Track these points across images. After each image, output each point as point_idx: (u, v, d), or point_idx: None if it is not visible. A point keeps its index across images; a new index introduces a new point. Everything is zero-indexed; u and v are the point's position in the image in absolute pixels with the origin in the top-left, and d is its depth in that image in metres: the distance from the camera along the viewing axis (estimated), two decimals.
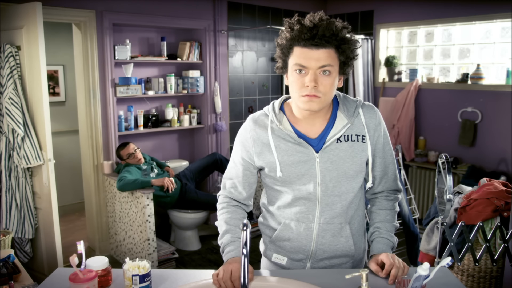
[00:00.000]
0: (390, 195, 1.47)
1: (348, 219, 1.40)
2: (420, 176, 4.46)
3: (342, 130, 1.34)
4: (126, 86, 3.73)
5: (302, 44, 1.24)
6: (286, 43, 1.28)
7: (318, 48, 1.23)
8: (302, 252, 1.41)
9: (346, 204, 1.38)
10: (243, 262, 1.07)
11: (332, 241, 1.39)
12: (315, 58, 1.23)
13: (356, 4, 4.92)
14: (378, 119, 1.38)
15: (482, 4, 4.01)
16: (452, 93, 4.29)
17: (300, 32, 1.23)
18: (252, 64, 4.65)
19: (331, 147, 1.34)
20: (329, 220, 1.38)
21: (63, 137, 4.72)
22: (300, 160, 1.34)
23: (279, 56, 1.33)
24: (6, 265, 1.95)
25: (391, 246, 1.40)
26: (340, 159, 1.34)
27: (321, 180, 1.34)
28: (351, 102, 1.38)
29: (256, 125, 1.39)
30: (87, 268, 1.23)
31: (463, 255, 1.99)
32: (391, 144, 1.44)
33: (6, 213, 2.97)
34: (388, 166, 1.43)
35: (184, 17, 4.06)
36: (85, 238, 3.99)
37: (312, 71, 1.24)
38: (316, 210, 1.37)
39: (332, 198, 1.36)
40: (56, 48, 4.61)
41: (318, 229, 1.38)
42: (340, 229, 1.39)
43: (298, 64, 1.25)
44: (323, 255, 1.41)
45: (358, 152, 1.35)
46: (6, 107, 2.84)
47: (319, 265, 1.43)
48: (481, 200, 2.31)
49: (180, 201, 3.71)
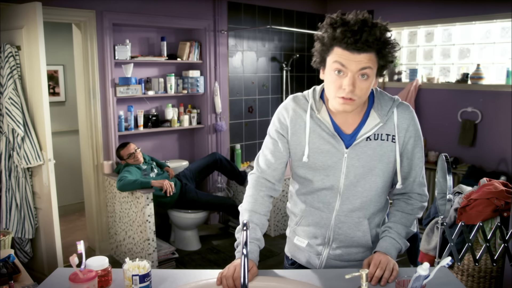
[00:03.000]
0: (411, 199, 1.44)
1: (367, 215, 1.41)
2: None
3: (373, 129, 1.34)
4: (126, 86, 3.73)
5: (344, 46, 1.22)
6: (327, 41, 1.26)
7: (360, 52, 1.21)
8: (321, 238, 1.45)
9: (367, 201, 1.39)
10: (243, 262, 1.07)
11: (349, 233, 1.42)
12: (356, 61, 1.22)
13: (356, 4, 4.90)
14: (411, 119, 1.37)
15: (482, 4, 4.01)
16: (452, 93, 4.29)
17: (343, 35, 1.21)
18: (252, 64, 4.65)
19: (360, 144, 1.35)
20: (347, 213, 1.40)
21: (63, 137, 4.72)
22: (329, 151, 1.36)
23: (318, 51, 1.31)
24: (6, 265, 1.95)
25: (398, 248, 1.37)
26: (368, 156, 1.35)
27: (346, 175, 1.36)
28: (387, 101, 1.38)
29: (297, 105, 1.40)
30: (87, 268, 1.23)
31: (463, 255, 1.99)
32: (423, 148, 1.41)
33: (6, 213, 2.97)
34: (413, 168, 1.40)
35: (184, 17, 4.06)
36: (85, 238, 3.99)
37: (351, 74, 1.23)
38: (337, 202, 1.39)
39: (354, 193, 1.38)
40: (56, 48, 4.61)
41: (335, 220, 1.41)
42: (358, 223, 1.41)
43: (339, 62, 1.23)
44: (339, 244, 1.44)
45: (387, 152, 1.36)
46: (6, 107, 2.84)
47: (335, 252, 1.45)
48: (481, 200, 2.31)
49: (180, 201, 3.71)
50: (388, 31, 1.25)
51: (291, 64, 4.92)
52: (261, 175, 1.46)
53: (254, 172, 1.49)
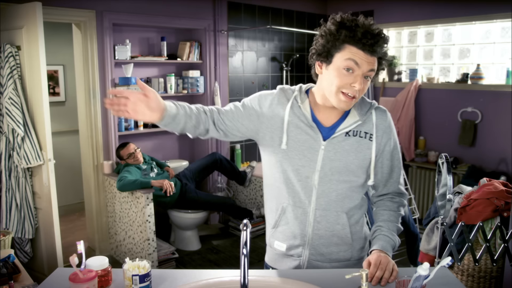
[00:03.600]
0: (395, 197, 1.49)
1: (345, 209, 1.42)
2: (420, 176, 4.46)
3: (352, 125, 1.39)
4: (126, 86, 3.73)
5: (360, 46, 1.28)
6: (341, 38, 1.29)
7: (371, 54, 1.29)
8: (300, 238, 1.44)
9: (343, 194, 1.41)
10: (243, 262, 1.07)
11: (328, 227, 1.42)
12: (368, 62, 1.30)
13: (356, 4, 4.92)
14: (388, 122, 1.44)
15: (482, 4, 4.01)
16: (452, 93, 4.29)
17: (363, 35, 1.27)
18: (252, 64, 4.65)
19: (338, 138, 1.38)
20: (325, 206, 1.41)
21: (63, 137, 4.72)
22: (306, 142, 1.38)
23: (324, 45, 1.32)
24: (6, 265, 1.95)
25: (392, 244, 1.40)
26: (345, 151, 1.38)
27: (321, 167, 1.38)
28: (366, 103, 1.44)
29: (282, 94, 1.44)
30: (87, 268, 1.23)
31: (463, 255, 1.99)
32: (399, 149, 1.48)
33: (6, 213, 2.97)
34: (394, 170, 1.46)
35: (184, 17, 4.06)
36: (85, 238, 3.99)
37: (361, 73, 1.30)
38: (313, 196, 1.40)
39: (329, 186, 1.39)
40: (56, 48, 4.60)
41: (314, 214, 1.42)
42: (337, 216, 1.42)
43: (353, 60, 1.28)
44: (319, 240, 1.43)
45: (364, 149, 1.39)
46: (6, 107, 2.84)
47: (316, 251, 1.45)
48: (481, 200, 2.31)
49: (180, 201, 3.71)
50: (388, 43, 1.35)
51: (291, 64, 4.92)
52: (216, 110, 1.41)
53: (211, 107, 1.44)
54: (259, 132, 1.43)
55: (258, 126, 1.43)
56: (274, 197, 1.48)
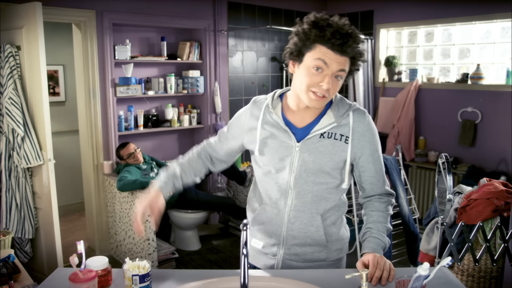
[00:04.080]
0: (382, 197, 1.48)
1: (320, 211, 1.43)
2: (420, 176, 4.46)
3: (327, 127, 1.39)
4: (126, 86, 3.73)
5: (329, 46, 1.27)
6: (311, 37, 1.30)
7: (341, 54, 1.28)
8: (275, 237, 1.47)
9: (318, 196, 1.42)
10: (243, 262, 1.07)
11: (302, 228, 1.44)
12: (338, 62, 1.29)
13: (356, 4, 4.92)
14: (367, 125, 1.41)
15: (482, 4, 4.01)
16: (452, 93, 4.29)
17: (332, 35, 1.27)
18: (252, 64, 4.65)
19: (312, 140, 1.39)
20: (300, 208, 1.42)
21: (63, 137, 4.72)
22: (280, 146, 1.41)
23: (296, 44, 1.34)
24: (6, 265, 1.95)
25: (383, 246, 1.40)
26: (319, 153, 1.39)
27: (296, 168, 1.40)
28: (345, 105, 1.42)
29: (254, 106, 1.48)
30: (87, 268, 1.23)
31: (463, 255, 2.00)
32: (381, 151, 1.47)
33: (6, 213, 2.97)
34: (378, 172, 1.46)
35: (184, 17, 4.06)
36: (85, 238, 3.99)
37: (330, 73, 1.29)
38: (289, 197, 1.42)
39: (304, 187, 1.41)
40: (56, 48, 4.61)
41: (288, 215, 1.44)
42: (311, 218, 1.43)
43: (321, 60, 1.28)
44: (293, 241, 1.45)
45: (338, 151, 1.39)
46: (6, 107, 2.84)
47: (291, 251, 1.46)
48: (481, 200, 2.31)
49: (180, 201, 3.71)
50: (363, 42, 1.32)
51: None
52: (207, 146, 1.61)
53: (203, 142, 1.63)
54: (243, 145, 1.53)
55: (241, 141, 1.51)
56: (255, 197, 1.54)
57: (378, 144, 1.45)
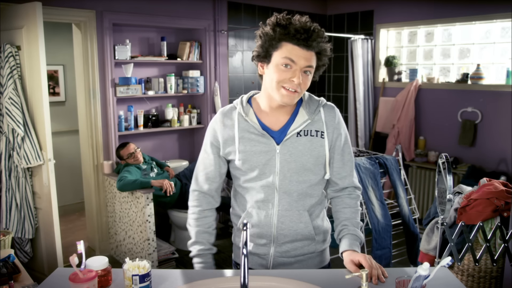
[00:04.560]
0: (352, 193, 1.52)
1: (306, 207, 1.47)
2: (420, 176, 4.46)
3: (302, 125, 1.43)
4: (126, 86, 3.73)
5: (294, 42, 1.33)
6: (276, 37, 1.36)
7: (308, 49, 1.34)
8: (265, 238, 1.49)
9: (304, 193, 1.45)
10: (243, 262, 1.07)
11: (292, 226, 1.46)
12: (304, 57, 1.34)
13: (356, 4, 4.92)
14: (338, 118, 1.47)
15: (482, 4, 4.01)
16: (452, 93, 4.29)
17: (296, 31, 1.33)
18: (252, 64, 4.65)
19: (291, 140, 1.42)
20: (287, 207, 1.45)
21: (63, 137, 4.72)
22: (262, 151, 1.43)
23: (263, 46, 1.40)
24: (6, 265, 1.95)
25: (359, 241, 1.45)
26: (299, 152, 1.42)
27: (280, 170, 1.43)
28: (314, 101, 1.48)
29: (225, 117, 1.49)
30: (87, 268, 1.23)
31: (463, 255, 2.00)
32: (350, 143, 1.52)
33: (6, 213, 2.97)
34: (346, 163, 1.50)
35: (184, 17, 4.06)
36: (85, 238, 3.99)
37: (299, 69, 1.34)
38: (275, 198, 1.45)
39: (290, 187, 1.44)
40: (56, 48, 4.60)
41: (277, 216, 1.46)
42: (299, 215, 1.46)
43: (288, 58, 1.34)
44: (284, 239, 1.48)
45: (317, 147, 1.43)
46: (6, 107, 2.84)
47: (282, 249, 1.49)
48: (481, 200, 2.31)
49: (180, 201, 3.71)
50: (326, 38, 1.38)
51: None
52: (202, 191, 1.56)
53: (195, 188, 1.57)
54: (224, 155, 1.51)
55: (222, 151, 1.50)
56: (239, 203, 1.55)
57: (347, 137, 1.51)
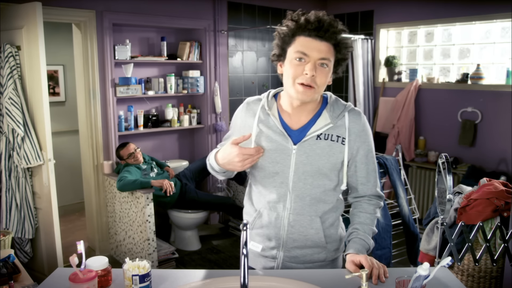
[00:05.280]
0: (372, 200, 1.48)
1: (319, 213, 1.43)
2: (420, 176, 4.46)
3: (323, 128, 1.38)
4: (126, 86, 3.73)
5: (306, 34, 1.30)
6: (289, 32, 1.33)
7: (321, 40, 1.29)
8: (275, 240, 1.46)
9: (316, 198, 1.41)
10: (243, 262, 1.07)
11: (302, 231, 1.43)
12: (318, 49, 1.29)
13: (356, 4, 4.92)
14: (362, 125, 1.41)
15: (482, 4, 4.01)
16: (452, 93, 4.29)
17: (307, 22, 1.30)
18: (252, 64, 4.65)
19: (309, 142, 1.38)
20: (299, 211, 1.42)
21: (63, 137, 4.72)
22: (277, 149, 1.39)
23: (278, 44, 1.37)
24: (6, 265, 1.95)
25: (367, 248, 1.41)
26: (316, 155, 1.38)
27: (294, 171, 1.39)
28: (340, 105, 1.42)
29: (248, 109, 1.47)
30: (87, 268, 1.23)
31: (463, 255, 2.00)
32: (374, 152, 1.47)
33: (6, 213, 2.97)
34: (370, 173, 1.45)
35: (184, 17, 4.06)
36: (85, 238, 3.99)
37: (313, 61, 1.29)
38: (287, 200, 1.41)
39: (303, 190, 1.40)
40: (56, 48, 4.60)
41: (288, 219, 1.42)
42: (310, 221, 1.42)
43: (300, 51, 1.30)
44: (293, 244, 1.44)
45: (335, 153, 1.39)
46: (6, 107, 2.84)
47: (291, 254, 1.45)
48: (481, 200, 2.31)
49: (180, 201, 3.71)
50: (344, 32, 1.33)
51: None
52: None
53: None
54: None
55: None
56: (252, 200, 1.52)
57: (372, 145, 1.45)
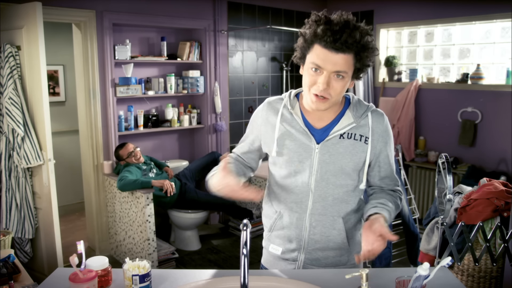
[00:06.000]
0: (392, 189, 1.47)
1: (341, 214, 1.41)
2: (420, 176, 4.46)
3: (347, 127, 1.37)
4: (126, 86, 3.73)
5: (323, 44, 1.25)
6: (309, 38, 1.29)
7: (337, 52, 1.24)
8: (296, 242, 1.43)
9: (339, 199, 1.39)
10: (243, 262, 1.07)
11: (324, 232, 1.41)
12: (333, 62, 1.24)
13: (356, 4, 4.92)
14: (385, 126, 1.40)
15: (482, 4, 4.01)
16: (452, 93, 4.29)
17: (324, 32, 1.24)
18: (252, 64, 4.65)
19: (332, 141, 1.36)
20: (321, 211, 1.40)
21: (63, 137, 4.72)
22: (300, 147, 1.38)
23: (300, 47, 1.34)
24: (6, 265, 1.95)
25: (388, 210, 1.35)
26: (339, 154, 1.36)
27: (316, 170, 1.37)
28: (362, 106, 1.41)
29: (270, 107, 1.45)
30: (87, 268, 1.23)
31: (463, 255, 2.00)
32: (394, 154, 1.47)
33: (6, 213, 2.97)
34: (391, 171, 1.45)
35: (184, 17, 4.06)
36: (85, 238, 3.99)
37: (327, 73, 1.26)
38: (309, 201, 1.39)
39: (325, 190, 1.38)
40: (56, 48, 4.60)
41: (310, 220, 1.40)
42: (333, 221, 1.40)
43: (314, 63, 1.27)
44: (315, 245, 1.42)
45: (358, 152, 1.37)
46: (6, 107, 2.84)
47: (312, 256, 1.43)
48: (481, 200, 2.31)
49: (180, 201, 3.71)
50: (369, 35, 1.27)
51: (291, 64, 4.92)
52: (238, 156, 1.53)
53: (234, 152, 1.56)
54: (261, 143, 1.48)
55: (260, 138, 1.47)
56: (271, 202, 1.49)
57: (393, 146, 1.45)
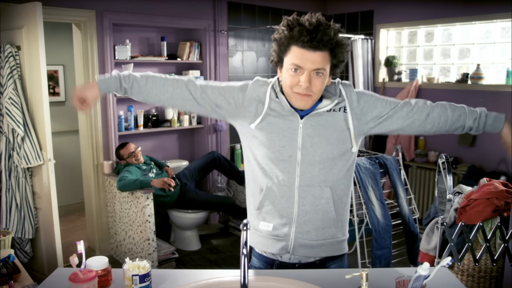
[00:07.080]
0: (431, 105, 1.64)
1: (328, 183, 1.44)
2: (420, 176, 4.46)
3: (328, 106, 1.43)
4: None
5: (300, 45, 1.32)
6: (284, 41, 1.35)
7: (315, 50, 1.31)
8: (286, 216, 1.45)
9: (325, 168, 1.43)
10: (243, 262, 1.07)
11: (313, 201, 1.44)
12: (311, 60, 1.32)
13: (356, 4, 4.92)
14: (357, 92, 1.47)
15: (482, 4, 4.01)
16: (452, 93, 4.29)
17: (300, 33, 1.31)
18: (252, 64, 4.65)
19: (314, 115, 1.42)
20: (309, 182, 1.43)
21: (63, 137, 4.72)
22: (284, 123, 1.42)
23: (275, 51, 1.41)
24: (6, 265, 1.95)
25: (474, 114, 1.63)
26: (321, 126, 1.42)
27: (302, 145, 1.42)
28: (331, 85, 1.47)
29: (258, 84, 1.48)
30: (87, 268, 1.23)
31: (463, 255, 2.00)
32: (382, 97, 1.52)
33: (6, 213, 2.97)
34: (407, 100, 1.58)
35: (184, 17, 4.06)
36: (85, 238, 3.99)
37: (307, 72, 1.33)
38: (296, 174, 1.42)
39: (312, 162, 1.42)
40: (56, 48, 4.61)
41: (299, 191, 1.43)
42: (321, 191, 1.44)
43: (294, 64, 1.33)
44: (305, 216, 1.44)
45: (340, 121, 1.43)
46: (6, 107, 2.84)
47: (303, 229, 1.45)
48: (481, 200, 2.31)
49: (180, 201, 3.71)
50: (341, 32, 1.36)
51: None
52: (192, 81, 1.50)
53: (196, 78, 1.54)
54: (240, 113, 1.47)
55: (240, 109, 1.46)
56: (256, 179, 1.49)
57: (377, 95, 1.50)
